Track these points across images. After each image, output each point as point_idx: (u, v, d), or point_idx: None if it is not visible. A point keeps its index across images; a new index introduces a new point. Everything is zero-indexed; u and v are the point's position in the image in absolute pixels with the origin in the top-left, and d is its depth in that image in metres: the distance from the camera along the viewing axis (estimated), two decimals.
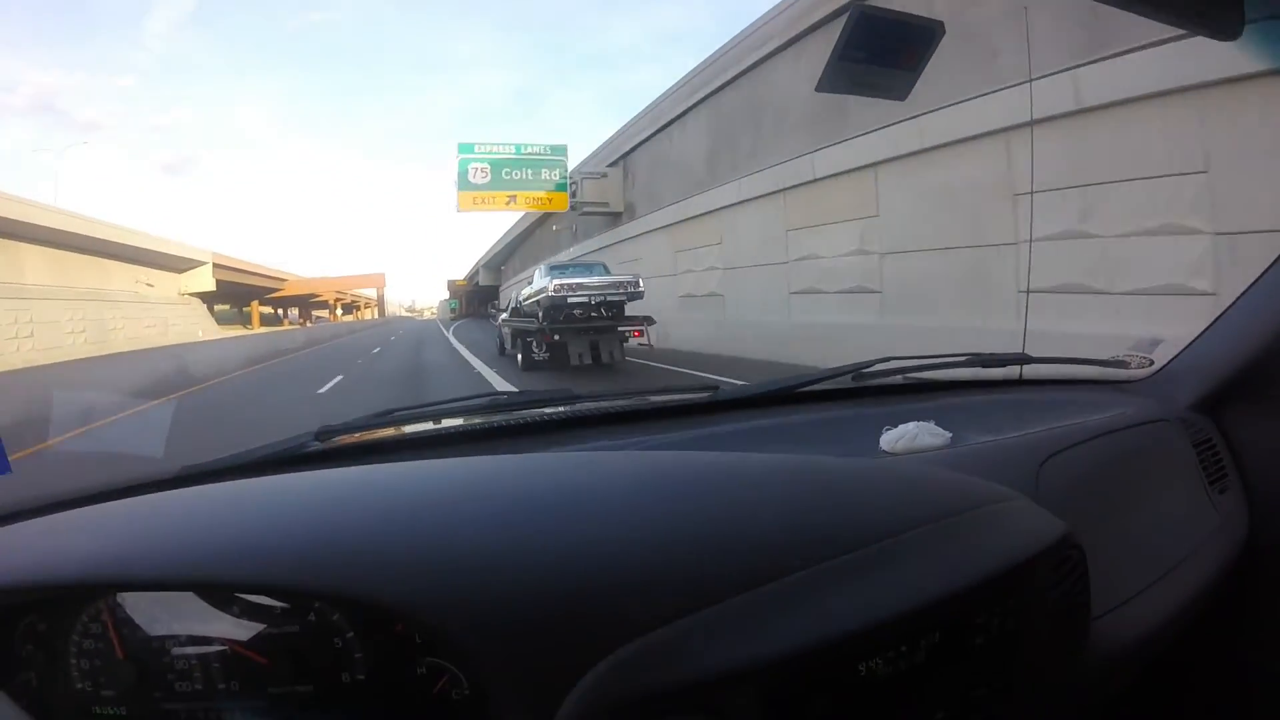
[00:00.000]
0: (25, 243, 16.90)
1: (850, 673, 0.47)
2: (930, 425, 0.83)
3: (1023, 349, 1.17)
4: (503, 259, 40.63)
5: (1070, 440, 0.84)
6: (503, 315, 11.24)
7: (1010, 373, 1.17)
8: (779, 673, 0.46)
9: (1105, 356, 1.16)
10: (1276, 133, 3.85)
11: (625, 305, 8.63)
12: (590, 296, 8.25)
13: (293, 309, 69.38)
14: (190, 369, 10.37)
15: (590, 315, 8.23)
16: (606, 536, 0.53)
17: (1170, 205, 4.56)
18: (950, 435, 0.82)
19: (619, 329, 8.44)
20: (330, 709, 0.51)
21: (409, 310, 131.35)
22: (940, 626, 0.51)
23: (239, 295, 42.52)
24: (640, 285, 8.71)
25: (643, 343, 8.61)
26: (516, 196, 16.51)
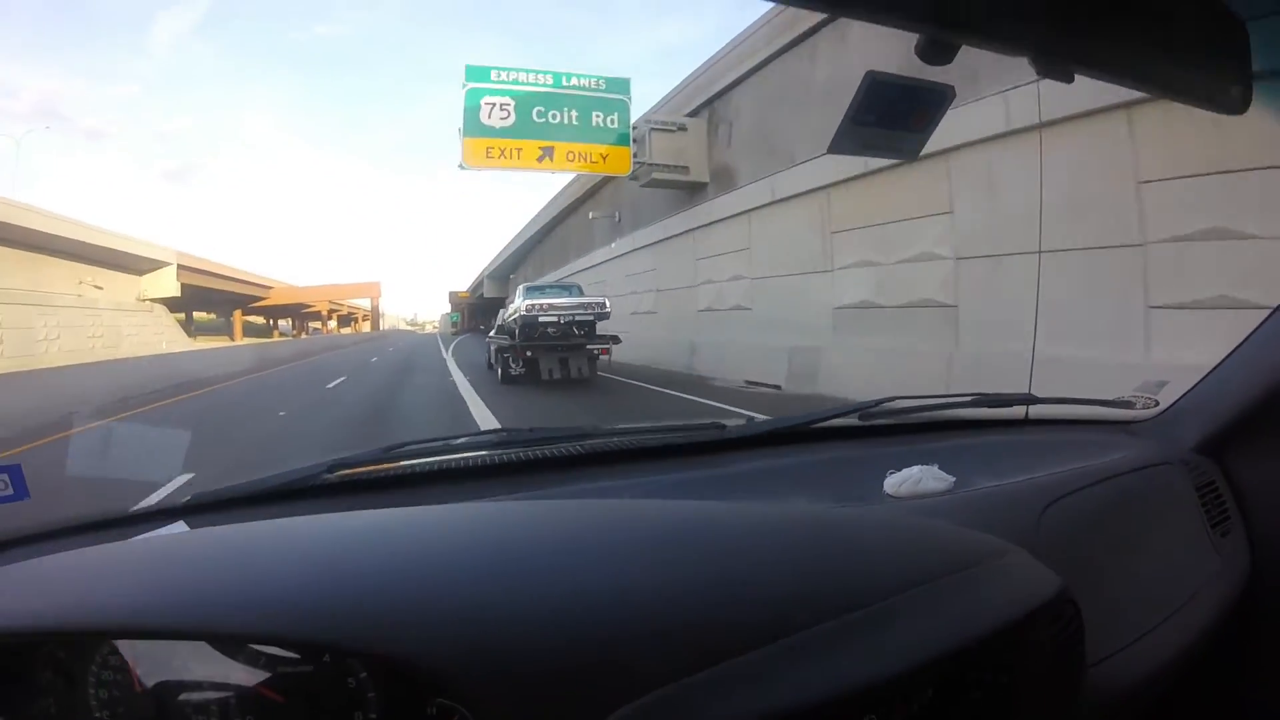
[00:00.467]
0: None
1: None
2: (934, 469, 0.86)
3: (1029, 389, 1.21)
4: (512, 266, 36.27)
5: (1073, 485, 0.87)
6: (491, 332, 11.99)
7: (1016, 413, 1.21)
8: None
9: (1110, 397, 1.19)
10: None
11: (595, 325, 9.30)
12: (560, 316, 8.93)
13: (283, 320, 67.12)
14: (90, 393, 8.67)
15: (563, 333, 8.95)
16: (616, 588, 0.55)
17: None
18: (954, 480, 0.85)
19: (588, 347, 9.11)
20: None
21: (410, 323, 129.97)
22: (939, 682, 0.53)
23: (221, 303, 40.42)
24: (607, 306, 9.42)
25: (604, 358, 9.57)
26: (553, 150, 10.72)
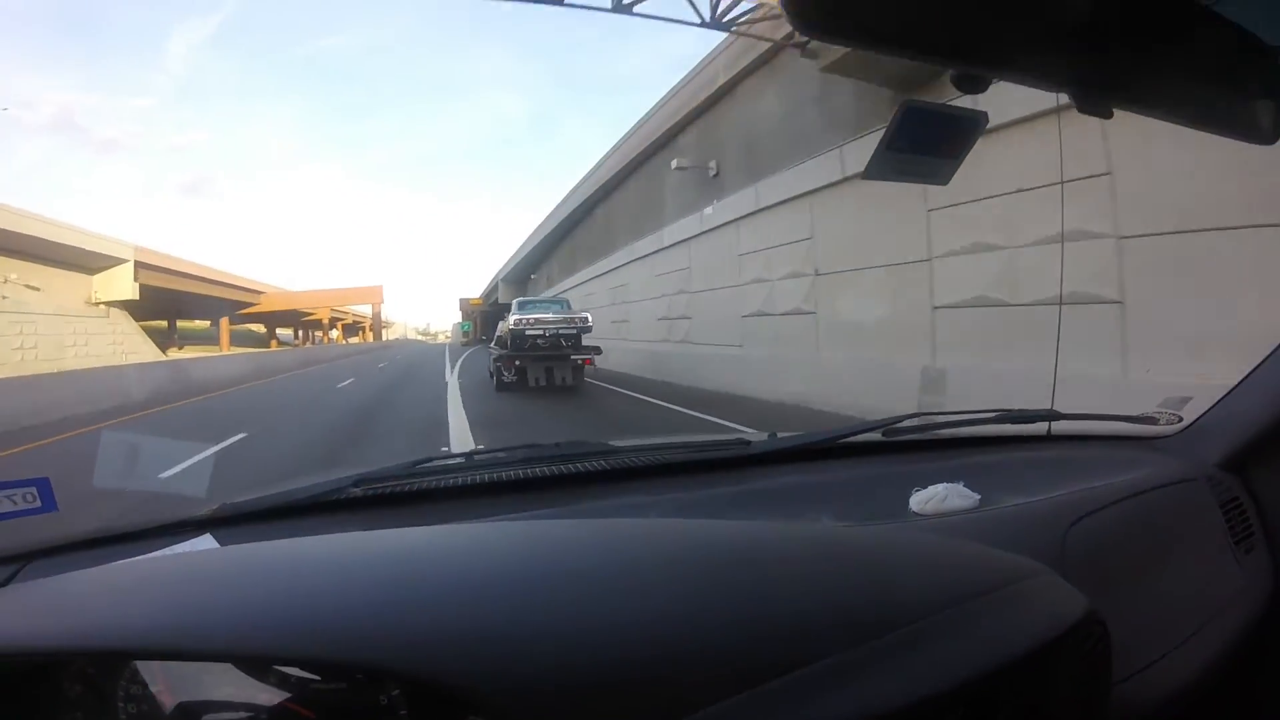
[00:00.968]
0: None
1: None
2: (959, 487, 0.87)
3: (1051, 405, 1.19)
4: (533, 264, 32.60)
5: (1098, 503, 0.87)
6: (492, 344, 12.88)
7: (1039, 428, 1.21)
8: None
9: (1135, 413, 1.18)
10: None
11: (579, 337, 10.26)
12: (546, 330, 10.00)
13: (284, 329, 64.37)
14: None
15: (550, 345, 9.98)
16: (652, 610, 0.55)
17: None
18: (979, 497, 0.86)
19: (571, 357, 10.14)
20: None
21: (423, 333, 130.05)
22: (967, 704, 0.53)
23: (207, 310, 38.00)
24: (589, 321, 10.52)
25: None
26: None
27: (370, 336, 61.99)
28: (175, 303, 33.14)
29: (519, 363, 9.95)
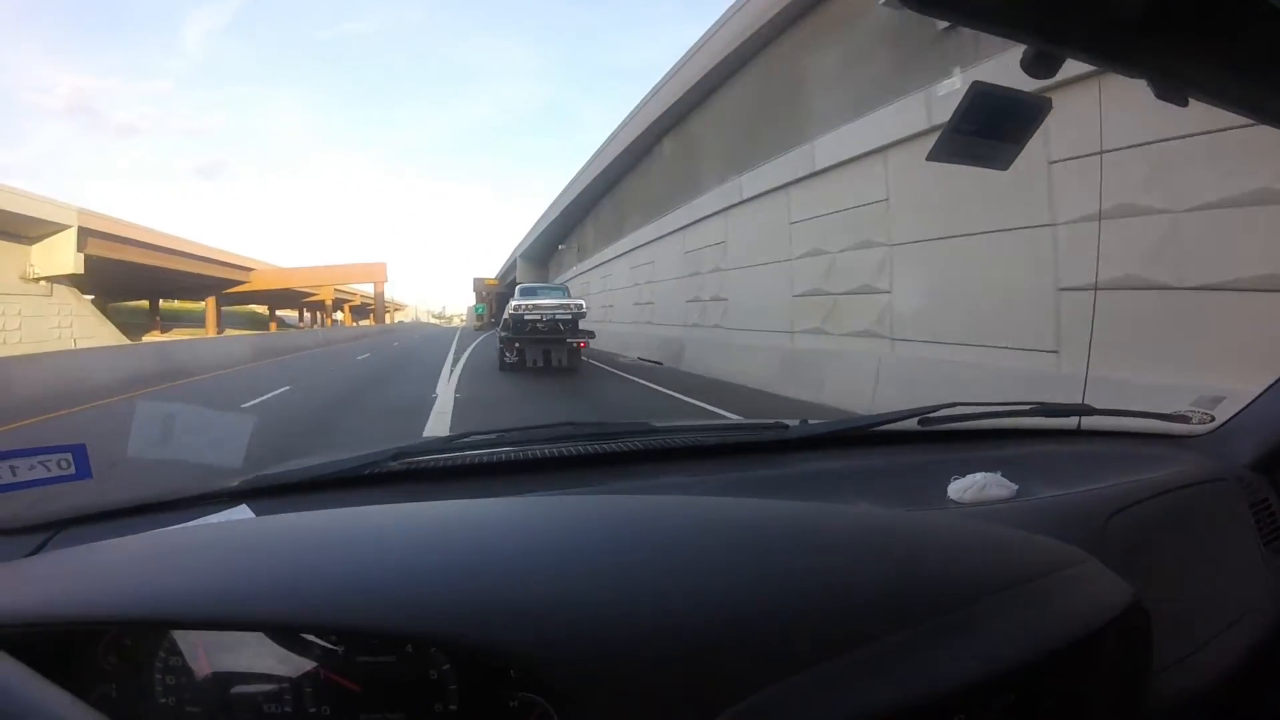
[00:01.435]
0: None
1: None
2: (997, 476, 0.89)
3: (1082, 399, 1.21)
4: (558, 236, 28.69)
5: (1133, 497, 0.89)
6: (499, 327, 13.11)
7: (1070, 423, 1.22)
8: None
9: (1168, 410, 1.19)
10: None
11: (575, 321, 11.02)
12: (543, 315, 10.79)
13: (288, 311, 61.98)
14: None
15: (549, 329, 10.79)
16: (708, 588, 0.56)
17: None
18: (1017, 487, 0.88)
19: (567, 340, 10.90)
20: None
21: (438, 316, 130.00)
22: (1017, 688, 0.54)
23: (187, 288, 36.05)
24: (584, 307, 11.27)
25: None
26: None
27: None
28: (147, 280, 31.09)
29: (519, 345, 10.90)
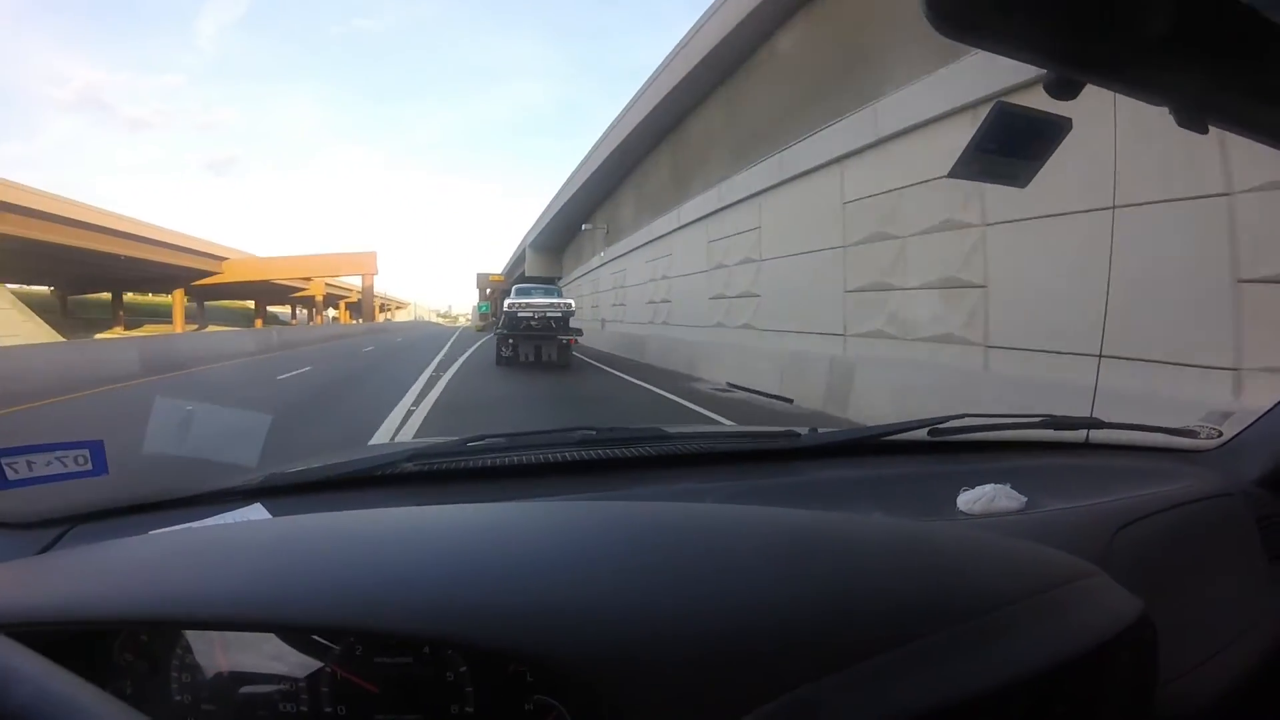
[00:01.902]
0: None
1: None
2: (1007, 488, 0.90)
3: (1091, 412, 1.21)
4: (580, 211, 23.39)
5: (1141, 511, 0.90)
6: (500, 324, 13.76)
7: (1078, 436, 1.22)
8: None
9: (1176, 425, 1.20)
10: None
11: (565, 319, 12.36)
12: (534, 313, 12.11)
13: (279, 307, 58.95)
14: None
15: (541, 326, 12.07)
16: (730, 591, 0.57)
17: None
18: (1026, 499, 0.89)
19: (558, 337, 12.14)
20: None
21: (442, 315, 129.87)
22: (1031, 696, 0.56)
23: (157, 279, 33.42)
24: (572, 306, 12.77)
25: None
26: None
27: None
28: (94, 268, 28.40)
29: (513, 340, 12.00)
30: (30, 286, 36.06)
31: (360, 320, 54.44)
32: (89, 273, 27.67)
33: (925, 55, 6.09)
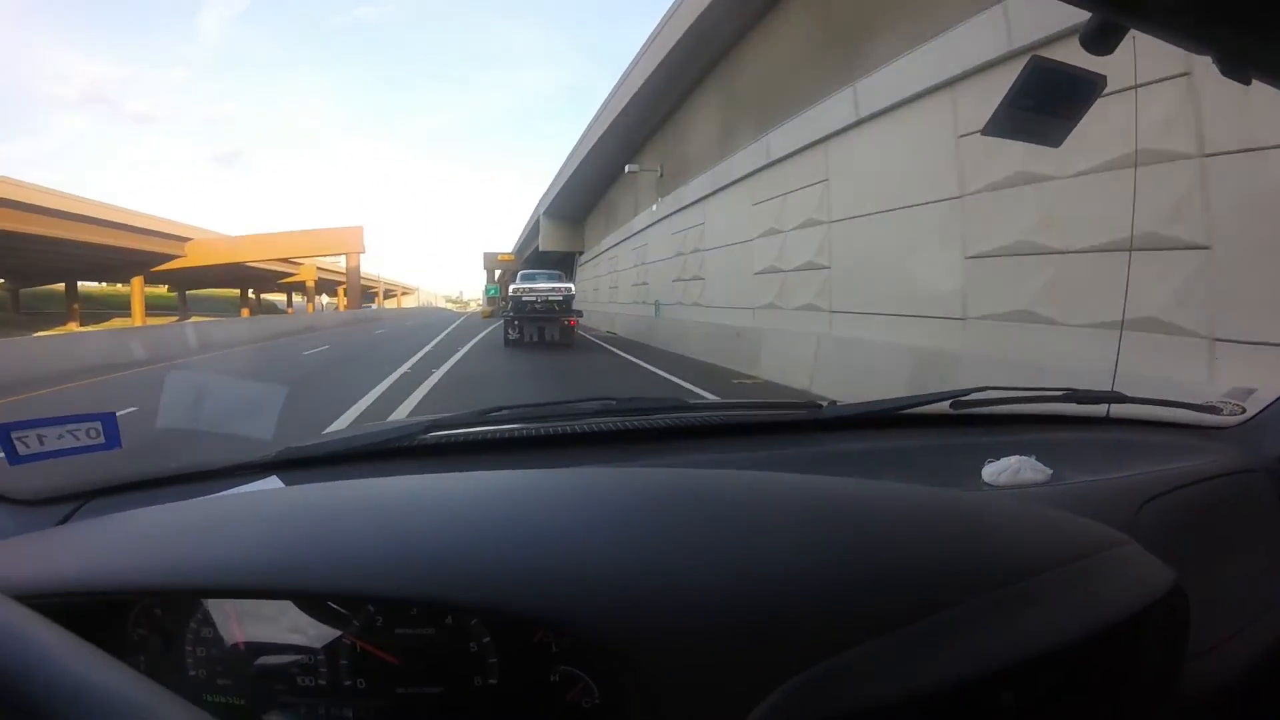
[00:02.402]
0: None
1: (991, 703, 0.51)
2: (1031, 460, 0.90)
3: (1112, 387, 1.21)
4: (607, 164, 19.63)
5: (1165, 486, 0.90)
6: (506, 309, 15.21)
7: (1100, 410, 1.22)
8: (937, 703, 0.49)
9: (1199, 401, 1.18)
10: None
11: (567, 302, 13.88)
12: (539, 296, 13.74)
13: (274, 295, 55.97)
14: None
15: (545, 308, 13.61)
16: (753, 562, 0.56)
17: None
18: (1051, 472, 0.89)
19: (560, 319, 13.59)
20: (459, 712, 0.54)
21: (453, 301, 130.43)
22: (1064, 665, 0.55)
23: (116, 266, 30.02)
24: (572, 290, 14.22)
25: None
26: None
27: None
28: (40, 255, 25.86)
29: (518, 322, 13.37)
30: None
31: (340, 308, 48.65)
32: (35, 262, 25.47)
33: None
